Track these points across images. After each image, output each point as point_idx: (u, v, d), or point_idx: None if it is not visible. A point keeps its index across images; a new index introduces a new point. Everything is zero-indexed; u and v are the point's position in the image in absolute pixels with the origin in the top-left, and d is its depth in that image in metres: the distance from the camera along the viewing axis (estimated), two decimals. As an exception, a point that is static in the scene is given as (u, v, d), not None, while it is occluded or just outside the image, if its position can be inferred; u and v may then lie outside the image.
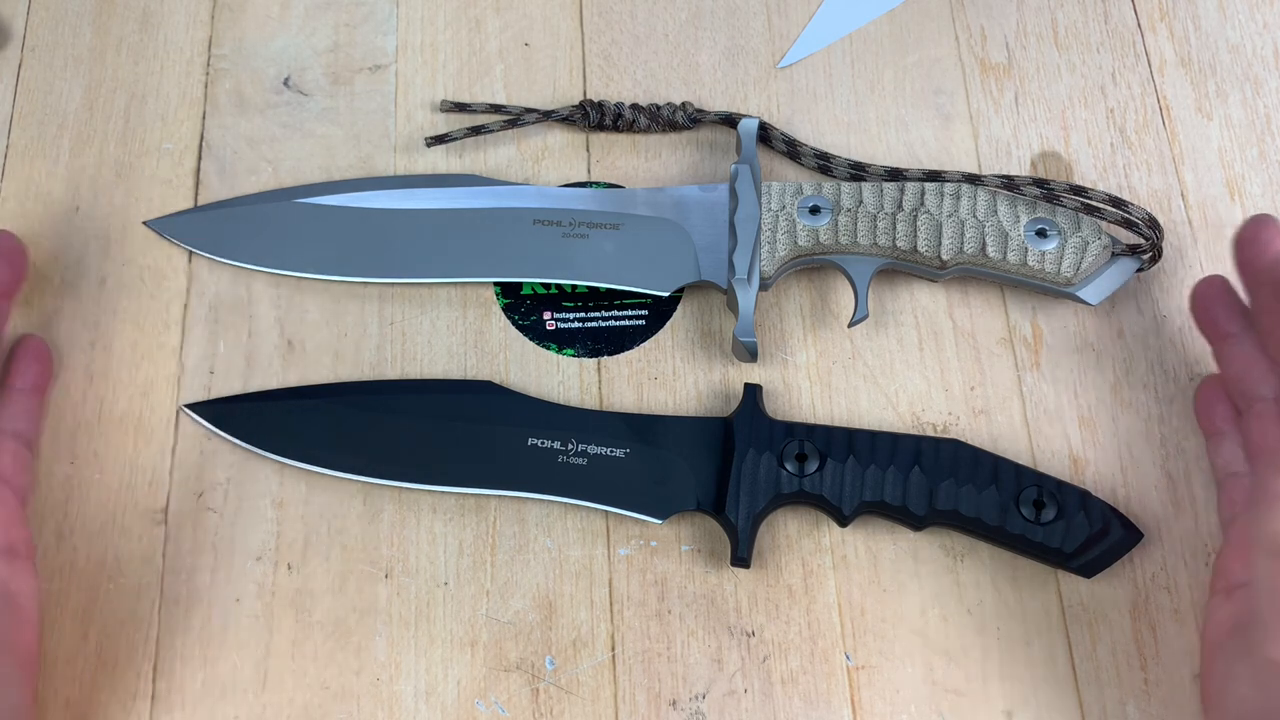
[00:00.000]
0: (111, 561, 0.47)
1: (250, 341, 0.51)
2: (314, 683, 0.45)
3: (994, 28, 0.57)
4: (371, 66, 0.56)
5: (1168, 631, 0.46)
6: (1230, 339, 0.46)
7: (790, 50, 0.57)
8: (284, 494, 0.48)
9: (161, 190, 0.54)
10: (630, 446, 0.48)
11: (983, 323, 0.51)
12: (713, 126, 0.55)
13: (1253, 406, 0.45)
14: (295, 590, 0.47)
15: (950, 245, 0.49)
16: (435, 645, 0.46)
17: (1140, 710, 0.45)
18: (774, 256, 0.49)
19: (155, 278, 0.52)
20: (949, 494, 0.46)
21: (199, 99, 0.55)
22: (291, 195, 0.53)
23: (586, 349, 0.51)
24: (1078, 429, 0.49)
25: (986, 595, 0.47)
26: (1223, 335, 0.46)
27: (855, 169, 0.53)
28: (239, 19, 0.57)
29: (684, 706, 0.45)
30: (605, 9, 0.58)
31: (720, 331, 0.51)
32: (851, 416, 0.50)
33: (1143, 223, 0.48)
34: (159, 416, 0.49)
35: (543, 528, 0.48)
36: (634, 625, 0.46)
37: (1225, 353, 0.46)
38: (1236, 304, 0.46)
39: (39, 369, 0.48)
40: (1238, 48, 0.57)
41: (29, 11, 0.57)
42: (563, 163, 0.55)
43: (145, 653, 0.46)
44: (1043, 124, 0.55)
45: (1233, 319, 0.46)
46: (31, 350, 0.48)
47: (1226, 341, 0.46)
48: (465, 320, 0.51)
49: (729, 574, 0.47)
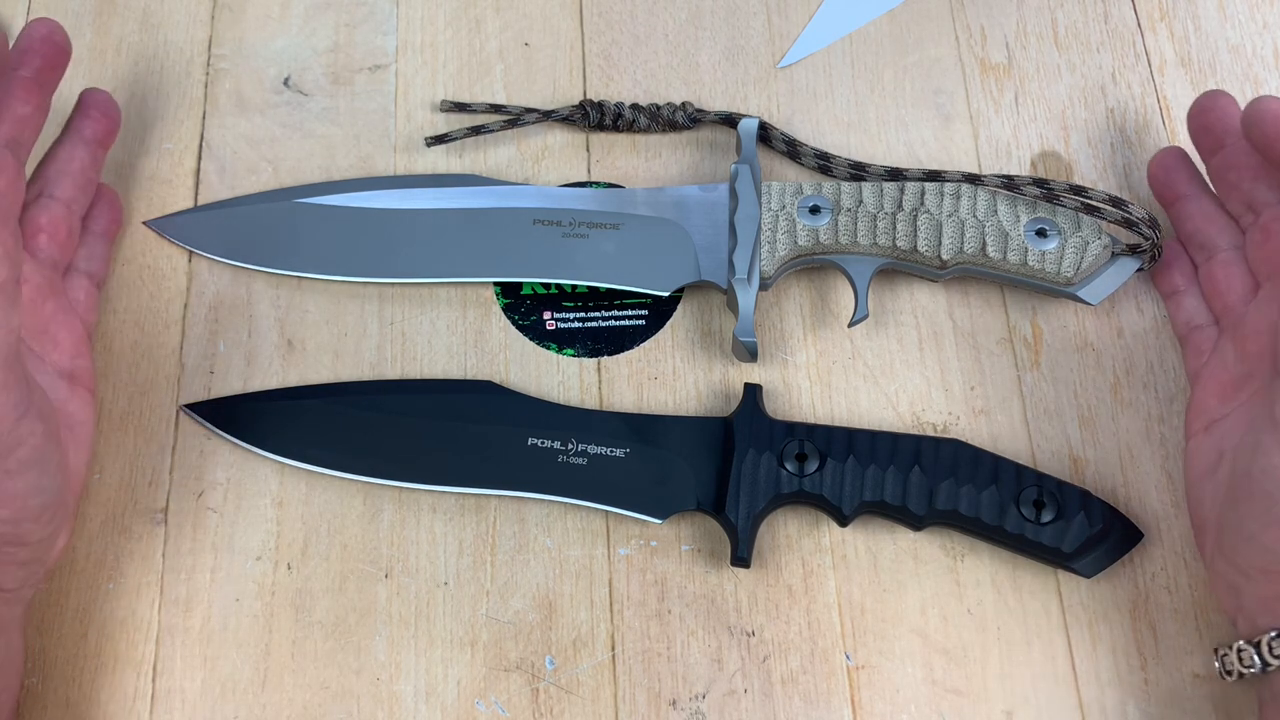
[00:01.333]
0: (111, 561, 0.47)
1: (250, 341, 0.51)
2: (314, 682, 0.45)
3: (994, 28, 0.57)
4: (371, 66, 0.56)
5: (1168, 631, 0.46)
6: (1187, 199, 0.50)
7: (790, 50, 0.57)
8: (284, 494, 0.48)
9: (161, 190, 0.54)
10: (630, 446, 0.48)
11: (983, 323, 0.51)
12: (713, 126, 0.55)
13: (1215, 256, 0.48)
14: (295, 590, 0.47)
15: (950, 245, 0.49)
16: (435, 645, 0.46)
17: (1140, 710, 0.45)
18: (774, 256, 0.49)
19: (155, 278, 0.52)
20: (949, 494, 0.46)
21: (199, 99, 0.55)
22: (291, 195, 0.53)
23: (586, 349, 0.51)
24: (1078, 429, 0.49)
25: (986, 595, 0.47)
26: (1179, 196, 0.50)
27: (855, 169, 0.53)
28: (239, 19, 0.57)
29: (684, 706, 0.45)
30: (605, 9, 0.58)
31: (720, 331, 0.51)
32: (851, 416, 0.50)
33: (1143, 223, 0.48)
34: (159, 416, 0.49)
35: (543, 528, 0.48)
36: (634, 625, 0.46)
37: (1182, 211, 0.50)
38: (1192, 170, 0.50)
39: (111, 215, 0.51)
40: (1238, 48, 0.57)
41: (29, 12, 0.57)
42: (563, 163, 0.55)
43: (145, 653, 0.46)
44: (1043, 124, 0.55)
45: (1188, 182, 0.50)
46: (107, 199, 0.51)
47: (1183, 201, 0.50)
48: (465, 320, 0.51)
49: (729, 574, 0.47)
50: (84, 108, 0.50)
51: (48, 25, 0.46)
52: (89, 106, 0.50)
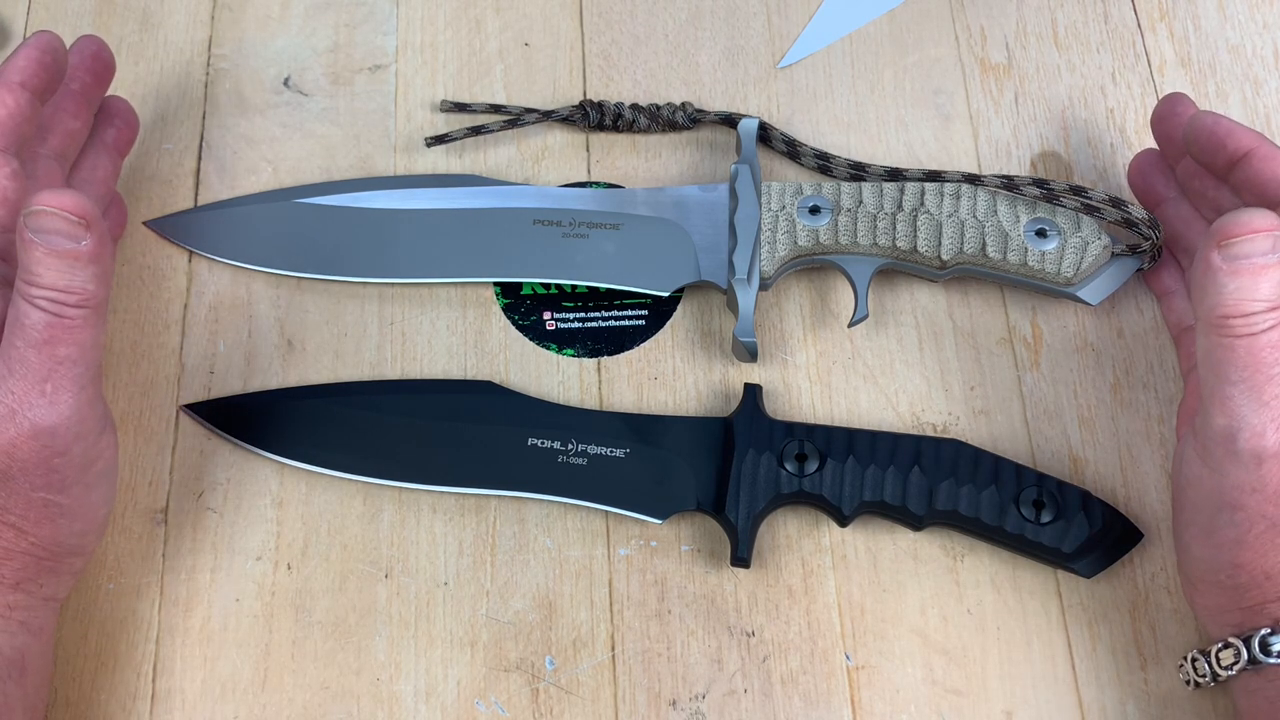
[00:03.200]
0: (111, 561, 0.47)
1: (250, 341, 0.51)
2: (314, 683, 0.45)
3: (994, 28, 0.57)
4: (371, 66, 0.56)
5: (1168, 631, 0.46)
6: (1166, 202, 0.50)
7: (790, 50, 0.57)
8: (284, 494, 0.48)
9: (161, 190, 0.54)
10: (630, 446, 0.48)
11: (983, 323, 0.51)
12: (713, 126, 0.55)
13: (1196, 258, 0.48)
14: (295, 590, 0.47)
15: (950, 245, 0.49)
16: (435, 645, 0.46)
17: (1140, 710, 0.45)
18: (774, 256, 0.49)
19: (155, 278, 0.52)
20: (949, 494, 0.46)
21: (199, 99, 0.55)
22: (291, 195, 0.53)
23: (586, 349, 0.51)
24: (1078, 429, 0.49)
25: (986, 595, 0.47)
26: (1160, 199, 0.50)
27: (855, 169, 0.53)
28: (239, 19, 0.57)
29: (684, 706, 0.45)
30: (605, 9, 0.58)
31: (720, 331, 0.51)
32: (851, 416, 0.50)
33: (1143, 223, 0.48)
34: (159, 416, 0.49)
35: (543, 528, 0.48)
36: (634, 625, 0.46)
37: (1163, 215, 0.50)
38: (1169, 173, 0.50)
39: (118, 219, 0.51)
40: (1238, 48, 0.57)
41: (29, 11, 0.57)
42: (563, 163, 0.55)
43: (145, 653, 0.46)
44: (1043, 124, 0.55)
45: (1168, 185, 0.50)
46: (115, 202, 0.51)
47: (1164, 205, 0.50)
48: (465, 320, 0.51)
49: (729, 574, 0.47)
50: (107, 115, 0.50)
51: (95, 43, 0.48)
52: (112, 114, 0.50)
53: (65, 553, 0.41)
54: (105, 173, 0.50)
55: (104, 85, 0.49)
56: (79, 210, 0.37)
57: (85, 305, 0.38)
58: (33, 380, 0.38)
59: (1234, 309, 0.38)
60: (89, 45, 0.48)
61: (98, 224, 0.38)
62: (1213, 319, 0.39)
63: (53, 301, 0.37)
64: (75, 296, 0.38)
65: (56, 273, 0.37)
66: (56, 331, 0.38)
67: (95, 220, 0.38)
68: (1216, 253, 0.39)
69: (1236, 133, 0.44)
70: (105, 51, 0.48)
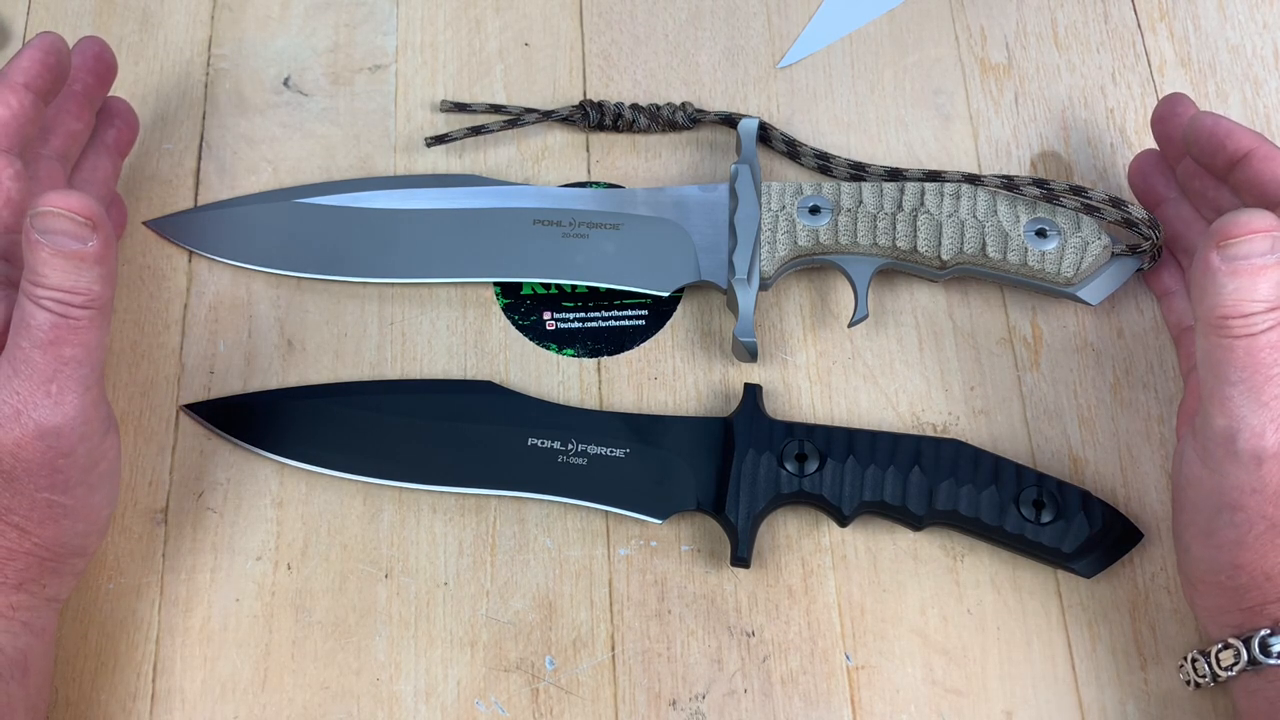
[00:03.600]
0: (111, 561, 0.47)
1: (250, 341, 0.51)
2: (314, 683, 0.45)
3: (994, 28, 0.57)
4: (371, 66, 0.56)
5: (1168, 631, 0.46)
6: (1167, 202, 0.50)
7: (790, 50, 0.57)
8: (284, 494, 0.48)
9: (161, 190, 0.54)
10: (630, 446, 0.48)
11: (983, 323, 0.51)
12: (713, 126, 0.55)
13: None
14: (295, 590, 0.47)
15: (950, 245, 0.49)
16: (435, 645, 0.46)
17: (1140, 710, 0.45)
18: (774, 256, 0.49)
19: (155, 278, 0.52)
20: (949, 494, 0.46)
21: (199, 99, 0.55)
22: (291, 195, 0.53)
23: (586, 349, 0.51)
24: (1078, 429, 0.49)
25: (986, 595, 0.47)
26: (1160, 200, 0.50)
27: (855, 169, 0.53)
28: (239, 19, 0.57)
29: (684, 706, 0.45)
30: (605, 9, 0.58)
31: (720, 331, 0.51)
32: (851, 416, 0.50)
33: (1143, 223, 0.48)
34: (159, 416, 0.49)
35: (543, 528, 0.48)
36: (634, 625, 0.46)
37: (1163, 215, 0.50)
38: (1169, 173, 0.50)
39: (117, 219, 0.51)
40: (1238, 48, 0.57)
41: (29, 11, 0.57)
42: (563, 163, 0.55)
43: (145, 653, 0.46)
44: (1043, 124, 0.55)
45: (1168, 185, 0.50)
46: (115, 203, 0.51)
47: (1164, 205, 0.50)
48: (465, 320, 0.51)
49: (729, 574, 0.47)
50: (108, 116, 0.50)
51: (98, 44, 0.48)
52: (113, 115, 0.50)
53: (68, 553, 0.41)
54: (106, 173, 0.50)
55: (106, 86, 0.49)
56: (85, 211, 0.37)
57: (91, 306, 0.38)
58: (38, 381, 0.38)
59: (1233, 309, 0.38)
60: (91, 46, 0.48)
61: (103, 225, 0.38)
62: (1212, 319, 0.39)
63: (58, 302, 0.37)
64: (81, 297, 0.38)
65: (62, 273, 0.37)
66: (62, 332, 0.38)
67: (101, 221, 0.38)
68: (1216, 253, 0.39)
69: (1236, 133, 0.44)
70: (107, 53, 0.48)
